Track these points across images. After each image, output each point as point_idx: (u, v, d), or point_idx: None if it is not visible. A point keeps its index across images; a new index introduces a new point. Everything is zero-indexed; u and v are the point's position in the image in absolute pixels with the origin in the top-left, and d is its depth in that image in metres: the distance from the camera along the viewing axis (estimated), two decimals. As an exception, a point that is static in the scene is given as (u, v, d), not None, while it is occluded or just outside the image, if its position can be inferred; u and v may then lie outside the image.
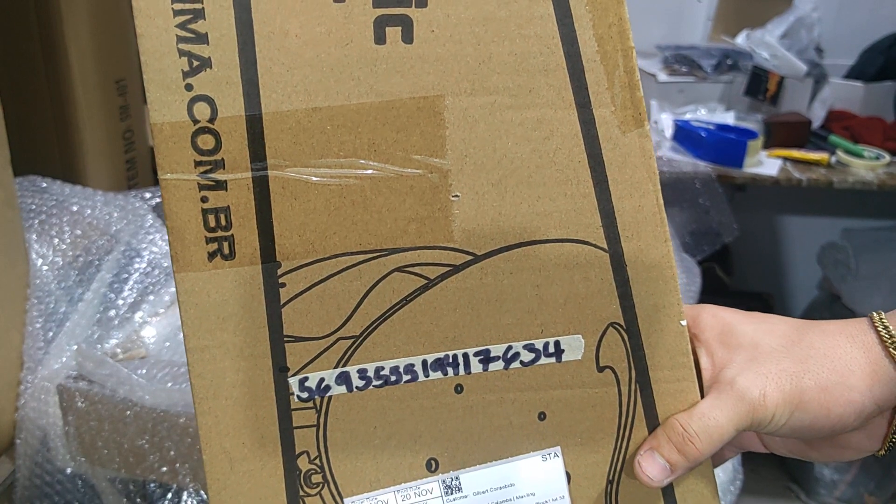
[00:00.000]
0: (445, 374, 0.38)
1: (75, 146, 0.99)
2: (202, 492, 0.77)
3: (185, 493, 0.78)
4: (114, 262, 0.87)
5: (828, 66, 1.79)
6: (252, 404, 0.36)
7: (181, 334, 0.81)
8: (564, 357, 0.39)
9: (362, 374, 0.37)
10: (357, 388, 0.37)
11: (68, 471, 0.79)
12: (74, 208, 0.89)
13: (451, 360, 0.38)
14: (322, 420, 0.37)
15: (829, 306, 1.84)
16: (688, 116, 1.79)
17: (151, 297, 0.86)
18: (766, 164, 1.64)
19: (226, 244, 0.35)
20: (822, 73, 1.75)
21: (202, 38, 0.34)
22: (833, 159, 1.65)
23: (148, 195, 0.99)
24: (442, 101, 0.36)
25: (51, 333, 0.81)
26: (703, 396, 0.39)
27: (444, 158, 0.37)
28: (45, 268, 0.83)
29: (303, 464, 0.37)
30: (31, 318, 0.80)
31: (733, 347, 0.38)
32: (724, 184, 1.62)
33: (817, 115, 1.76)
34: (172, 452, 0.74)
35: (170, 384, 0.73)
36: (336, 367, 0.37)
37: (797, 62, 1.73)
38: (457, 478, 0.38)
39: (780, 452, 0.42)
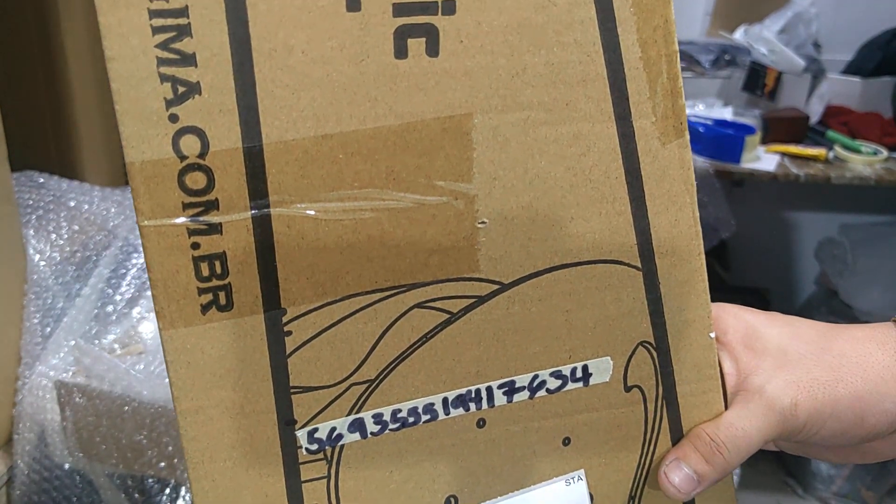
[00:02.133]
0: (467, 409, 0.35)
1: (72, 141, 0.99)
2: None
3: (184, 489, 0.78)
4: (111, 258, 0.87)
5: (826, 61, 1.79)
6: (255, 463, 0.33)
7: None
8: (592, 381, 0.36)
9: (378, 418, 0.34)
10: (372, 433, 0.34)
11: (66, 466, 0.79)
12: (72, 203, 0.89)
13: (473, 395, 0.35)
14: (333, 471, 0.34)
15: (827, 302, 1.85)
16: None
17: (149, 293, 0.85)
18: (763, 159, 1.64)
19: (222, 294, 0.31)
20: (819, 69, 1.75)
21: (189, 60, 0.28)
22: (831, 155, 1.65)
23: (145, 191, 0.98)
24: (470, 119, 0.32)
25: (48, 329, 0.81)
26: (726, 401, 0.37)
27: (471, 183, 0.33)
28: (43, 263, 0.82)
29: None
30: (28, 313, 0.80)
31: (759, 353, 0.37)
32: (722, 179, 1.62)
33: (815, 111, 1.76)
34: (171, 448, 0.74)
35: (167, 379, 0.73)
36: (349, 415, 0.33)
37: (795, 57, 1.73)
38: None
39: (793, 452, 0.41)
